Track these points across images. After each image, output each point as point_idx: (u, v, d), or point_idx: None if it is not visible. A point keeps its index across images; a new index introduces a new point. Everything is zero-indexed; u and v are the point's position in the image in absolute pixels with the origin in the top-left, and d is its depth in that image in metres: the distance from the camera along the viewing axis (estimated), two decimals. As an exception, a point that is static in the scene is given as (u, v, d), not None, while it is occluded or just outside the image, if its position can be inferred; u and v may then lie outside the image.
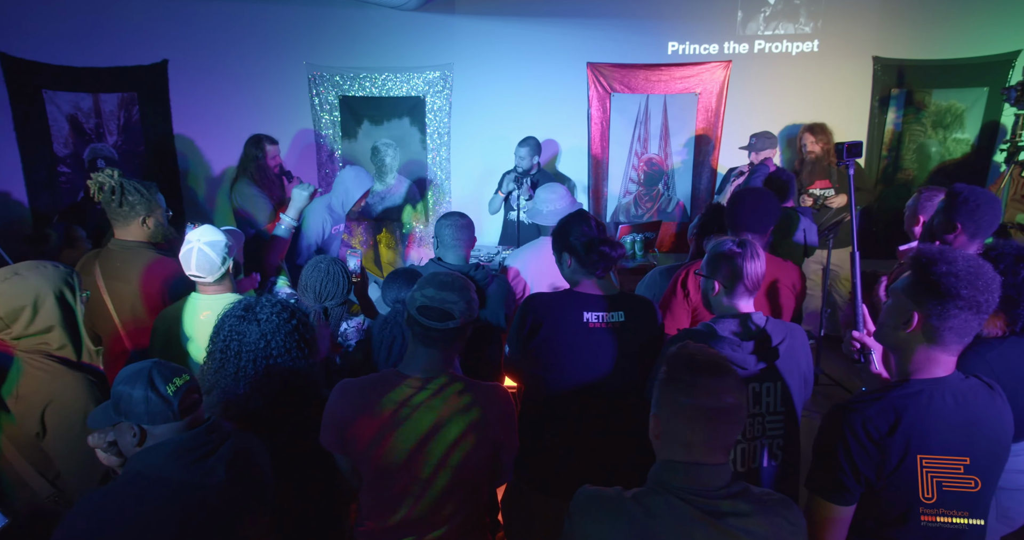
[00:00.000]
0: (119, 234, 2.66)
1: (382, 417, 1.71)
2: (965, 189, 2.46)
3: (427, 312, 1.70)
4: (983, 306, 1.48)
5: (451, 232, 2.79)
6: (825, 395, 4.38)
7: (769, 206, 2.66)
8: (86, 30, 4.74)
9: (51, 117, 4.76)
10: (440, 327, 1.69)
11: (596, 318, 2.19)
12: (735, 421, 1.35)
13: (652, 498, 1.35)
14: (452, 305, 1.69)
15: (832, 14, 5.28)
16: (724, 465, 1.36)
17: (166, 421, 1.47)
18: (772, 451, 1.97)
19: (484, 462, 1.78)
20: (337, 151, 5.50)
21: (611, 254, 2.20)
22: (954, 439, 1.51)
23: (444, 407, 1.72)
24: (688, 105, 5.50)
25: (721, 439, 1.35)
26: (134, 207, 2.61)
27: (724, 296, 2.04)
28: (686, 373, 1.36)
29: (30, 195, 4.70)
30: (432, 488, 1.74)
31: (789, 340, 1.98)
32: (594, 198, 5.69)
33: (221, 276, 2.37)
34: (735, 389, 1.35)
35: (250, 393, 1.82)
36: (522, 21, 5.37)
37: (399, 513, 1.76)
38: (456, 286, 1.73)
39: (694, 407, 1.33)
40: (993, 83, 4.84)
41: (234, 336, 1.83)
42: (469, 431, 1.72)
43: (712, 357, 1.40)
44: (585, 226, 2.25)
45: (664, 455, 1.39)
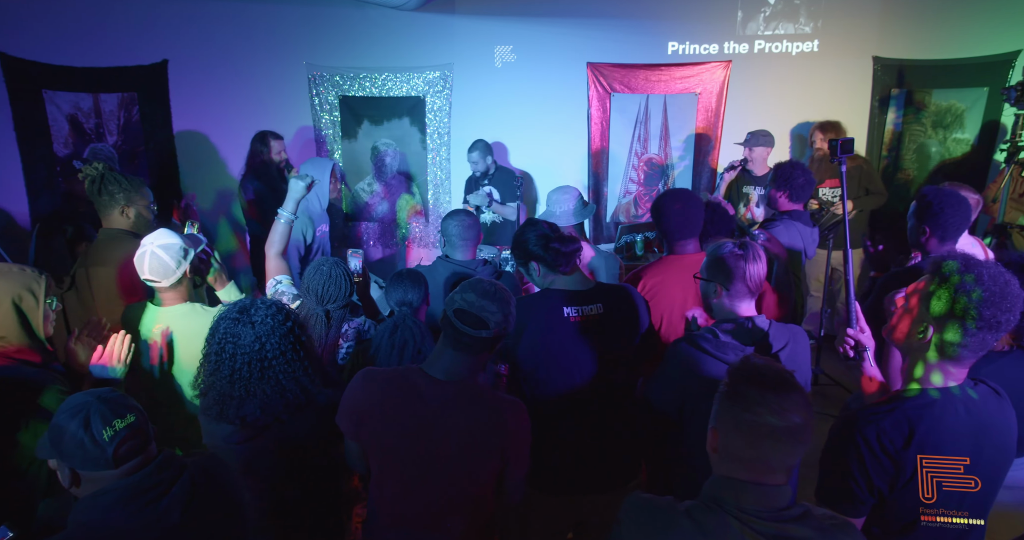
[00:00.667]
0: (104, 223, 2.80)
1: (400, 411, 1.73)
2: (930, 192, 2.50)
3: (463, 316, 1.70)
4: (1003, 325, 1.44)
5: (459, 230, 2.86)
6: (825, 395, 4.38)
7: (695, 211, 2.65)
8: (86, 30, 4.74)
9: (51, 117, 4.76)
10: (472, 333, 1.69)
11: (576, 311, 2.20)
12: (800, 441, 1.28)
13: (706, 515, 1.29)
14: (490, 315, 1.69)
15: (832, 14, 5.28)
16: (784, 487, 1.29)
17: (99, 468, 1.36)
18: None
19: (490, 473, 1.78)
20: (337, 151, 5.49)
21: (563, 250, 2.22)
22: (962, 445, 1.50)
23: (460, 412, 1.72)
24: (688, 105, 5.50)
25: (784, 460, 1.28)
26: (113, 196, 2.73)
27: (726, 299, 2.03)
28: (751, 387, 1.29)
29: (30, 195, 4.70)
30: (437, 489, 1.74)
31: (792, 345, 1.97)
32: (594, 198, 5.69)
33: (176, 281, 2.33)
34: (802, 407, 1.28)
35: (245, 395, 1.82)
36: (522, 21, 5.37)
37: (404, 509, 1.77)
38: (498, 297, 1.72)
39: (758, 424, 1.26)
40: (993, 83, 4.83)
41: (229, 338, 1.82)
42: (481, 439, 1.73)
43: (779, 372, 1.32)
44: (537, 230, 2.27)
45: (721, 471, 1.34)
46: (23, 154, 4.66)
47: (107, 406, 1.37)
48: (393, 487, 1.77)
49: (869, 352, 1.84)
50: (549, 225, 2.30)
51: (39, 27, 4.62)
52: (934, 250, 2.49)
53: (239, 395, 1.82)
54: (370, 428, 1.75)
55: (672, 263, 2.64)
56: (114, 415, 1.36)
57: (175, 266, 2.30)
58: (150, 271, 2.29)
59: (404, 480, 1.76)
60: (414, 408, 1.72)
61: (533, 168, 5.65)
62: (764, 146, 4.71)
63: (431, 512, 1.77)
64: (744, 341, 1.95)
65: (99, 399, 1.38)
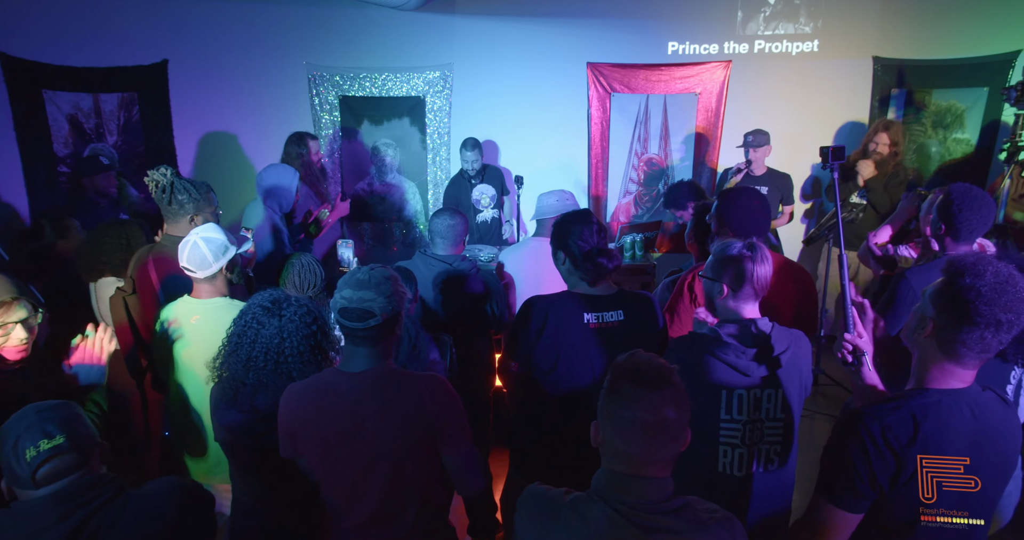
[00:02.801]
0: (169, 229, 2.77)
1: (322, 413, 1.74)
2: (956, 190, 2.45)
3: (347, 314, 1.70)
4: (1004, 325, 1.43)
5: (441, 228, 2.94)
6: (825, 395, 4.39)
7: (763, 208, 2.61)
8: (86, 30, 4.74)
9: (51, 117, 4.76)
10: (363, 327, 1.70)
11: (595, 318, 2.20)
12: (673, 435, 1.32)
13: (588, 505, 1.35)
14: (371, 303, 1.69)
15: (832, 14, 5.28)
16: (664, 479, 1.34)
17: (22, 487, 1.36)
18: (769, 457, 1.97)
19: (426, 455, 1.77)
20: (338, 150, 5.50)
21: (607, 265, 2.21)
22: (964, 447, 1.50)
23: (376, 397, 1.73)
24: (688, 105, 5.50)
25: (658, 453, 1.32)
26: (183, 205, 2.70)
27: (730, 299, 2.01)
28: (627, 384, 1.34)
29: (30, 195, 4.70)
30: (381, 483, 1.75)
31: (793, 348, 1.97)
32: (594, 198, 5.69)
33: (212, 275, 2.36)
34: (675, 402, 1.32)
35: (257, 385, 1.85)
36: (522, 21, 5.37)
37: (354, 512, 1.78)
38: (373, 283, 1.71)
39: (631, 420, 1.31)
40: (993, 83, 4.83)
41: (253, 324, 1.86)
42: (403, 419, 1.73)
43: (658, 368, 1.36)
44: (587, 230, 2.24)
45: (604, 463, 1.39)
46: (23, 154, 4.66)
47: (41, 424, 1.37)
48: (340, 491, 1.78)
49: (867, 357, 1.84)
50: (600, 227, 2.27)
51: (39, 27, 4.62)
52: (949, 247, 2.47)
53: (251, 383, 1.85)
54: (303, 440, 1.76)
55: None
56: (43, 435, 1.36)
57: (212, 260, 2.33)
58: (188, 260, 2.32)
59: (349, 482, 1.76)
60: (333, 405, 1.73)
61: (533, 168, 5.62)
62: (766, 146, 4.72)
63: (384, 508, 1.77)
64: (746, 343, 1.94)
65: (37, 414, 1.38)
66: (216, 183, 5.31)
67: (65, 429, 1.39)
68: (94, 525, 1.37)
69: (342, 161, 5.53)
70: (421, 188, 5.59)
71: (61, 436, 1.38)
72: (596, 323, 2.19)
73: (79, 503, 1.38)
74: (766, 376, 1.93)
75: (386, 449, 1.73)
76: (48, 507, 1.36)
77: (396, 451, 1.74)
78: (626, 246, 4.35)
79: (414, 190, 5.11)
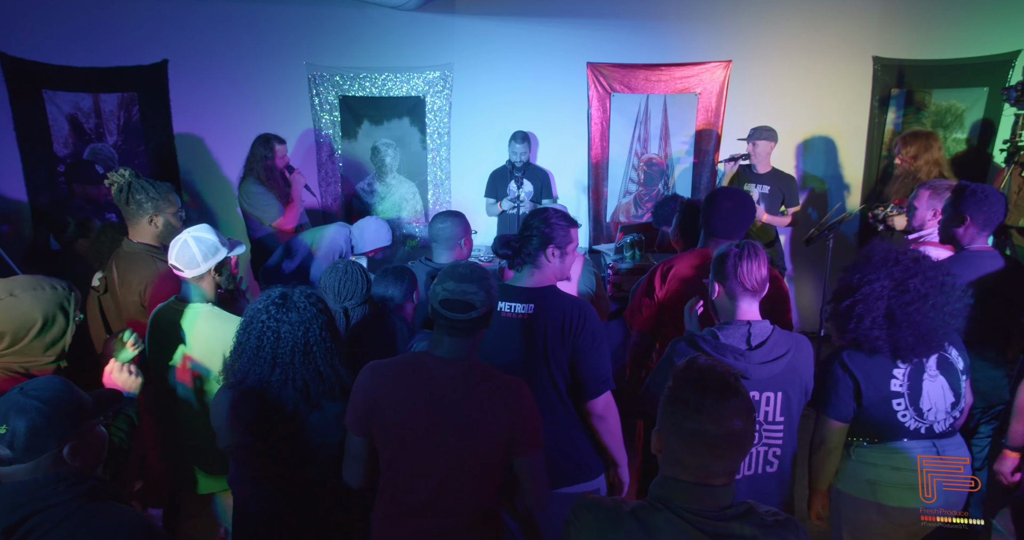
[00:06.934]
0: (131, 234, 2.72)
1: (412, 391, 1.76)
2: (971, 183, 2.52)
3: (449, 304, 1.75)
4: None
5: (439, 233, 2.90)
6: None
7: (737, 208, 2.58)
8: (86, 30, 4.74)
9: (51, 117, 4.76)
10: (464, 318, 1.75)
11: (508, 308, 2.21)
12: (741, 446, 1.29)
13: (651, 514, 1.30)
14: (473, 296, 1.75)
15: (832, 14, 5.28)
16: (728, 486, 1.30)
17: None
18: (768, 459, 1.97)
19: (497, 454, 1.79)
20: (337, 151, 5.50)
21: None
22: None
23: (470, 387, 1.77)
24: (688, 105, 5.50)
25: (725, 464, 1.29)
26: (141, 205, 2.65)
27: (726, 299, 2.03)
28: (692, 393, 1.29)
29: (30, 195, 4.70)
30: (444, 472, 1.76)
31: (794, 352, 1.97)
32: (594, 198, 5.69)
33: (199, 276, 2.33)
34: (743, 411, 1.28)
35: (283, 380, 1.86)
36: (522, 21, 5.36)
37: (412, 497, 1.79)
38: (475, 277, 1.78)
39: (696, 431, 1.27)
40: (993, 83, 4.83)
41: (271, 323, 1.86)
42: (490, 416, 1.75)
43: (721, 376, 1.32)
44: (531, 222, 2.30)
45: (665, 472, 1.35)
46: (23, 154, 4.66)
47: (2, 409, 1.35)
48: (407, 473, 1.79)
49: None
50: (525, 224, 2.31)
51: (39, 27, 4.62)
52: (970, 240, 2.55)
53: (278, 380, 1.86)
54: (381, 417, 1.77)
55: (699, 255, 2.61)
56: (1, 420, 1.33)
57: (201, 259, 2.31)
58: (176, 258, 2.31)
59: (413, 465, 1.78)
60: (426, 386, 1.76)
61: (533, 168, 5.65)
62: (768, 141, 4.62)
63: (443, 498, 1.78)
64: (744, 345, 1.94)
65: (21, 393, 1.36)
66: (216, 183, 5.30)
67: (12, 421, 1.33)
68: (27, 528, 1.29)
69: (342, 161, 5.53)
70: (421, 188, 5.59)
71: (4, 426, 1.32)
72: (508, 313, 2.21)
73: (12, 504, 1.32)
74: (766, 379, 1.93)
75: (465, 439, 1.75)
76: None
77: (473, 443, 1.76)
78: (626, 246, 4.34)
79: (414, 190, 5.11)
